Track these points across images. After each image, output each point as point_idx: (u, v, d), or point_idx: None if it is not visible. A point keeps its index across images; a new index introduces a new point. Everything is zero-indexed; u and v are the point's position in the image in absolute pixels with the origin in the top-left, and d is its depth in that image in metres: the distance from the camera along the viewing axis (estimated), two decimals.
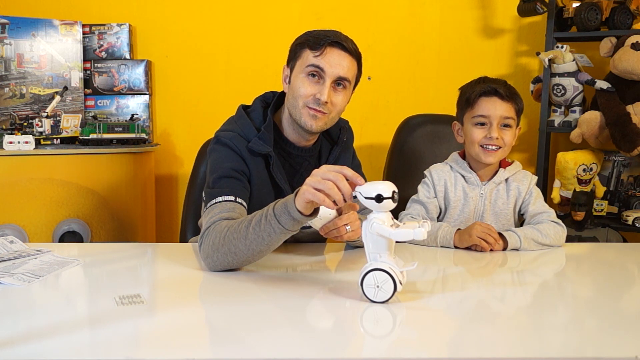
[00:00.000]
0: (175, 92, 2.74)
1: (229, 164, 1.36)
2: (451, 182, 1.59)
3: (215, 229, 1.21)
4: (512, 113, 1.52)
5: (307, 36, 1.39)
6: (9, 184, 2.13)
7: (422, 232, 0.98)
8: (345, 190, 1.01)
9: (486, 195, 1.56)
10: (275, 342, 0.85)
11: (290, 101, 1.40)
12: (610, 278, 1.29)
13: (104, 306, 1.00)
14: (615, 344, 0.87)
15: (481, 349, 0.87)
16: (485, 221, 1.54)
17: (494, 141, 1.51)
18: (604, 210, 2.34)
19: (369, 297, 1.01)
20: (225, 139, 1.39)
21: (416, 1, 2.62)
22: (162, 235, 2.69)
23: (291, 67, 1.41)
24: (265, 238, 1.13)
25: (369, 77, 2.61)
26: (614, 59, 2.18)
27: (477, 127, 1.54)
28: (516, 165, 1.61)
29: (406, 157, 2.15)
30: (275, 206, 1.12)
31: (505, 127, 1.53)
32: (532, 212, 1.56)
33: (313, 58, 1.35)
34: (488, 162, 1.54)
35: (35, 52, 2.49)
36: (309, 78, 1.36)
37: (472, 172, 1.58)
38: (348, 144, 1.57)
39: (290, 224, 1.10)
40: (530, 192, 1.56)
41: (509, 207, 1.56)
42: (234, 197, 1.31)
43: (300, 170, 1.48)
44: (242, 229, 1.16)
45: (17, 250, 1.35)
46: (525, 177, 1.58)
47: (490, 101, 1.52)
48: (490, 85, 1.54)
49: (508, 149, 1.54)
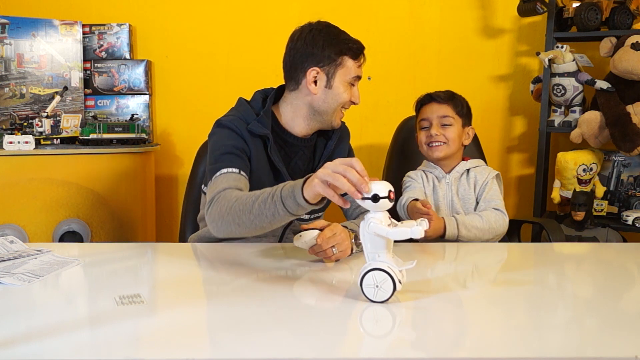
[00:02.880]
0: (175, 92, 2.74)
1: (230, 142, 1.42)
2: (424, 179, 1.78)
3: (225, 197, 1.26)
4: (449, 112, 1.72)
5: (340, 41, 1.46)
6: (9, 184, 2.13)
7: (420, 231, 0.98)
8: (355, 181, 1.00)
9: (451, 183, 1.73)
10: (275, 342, 0.85)
11: (327, 104, 1.48)
12: (610, 278, 1.29)
13: (104, 306, 1.00)
14: (615, 344, 0.87)
15: (481, 348, 0.87)
16: (455, 205, 1.70)
17: (434, 137, 1.71)
18: (604, 210, 2.34)
19: (368, 297, 1.01)
20: (226, 122, 1.46)
21: (416, 1, 2.62)
22: (162, 235, 2.69)
23: (328, 72, 1.46)
24: (269, 217, 1.16)
25: (369, 77, 2.61)
26: (614, 59, 2.17)
27: (422, 131, 1.76)
28: (478, 161, 1.78)
29: (406, 157, 2.15)
30: (283, 188, 1.14)
31: (445, 126, 1.71)
32: (483, 201, 1.69)
33: (357, 68, 1.48)
34: (435, 157, 1.73)
35: (35, 52, 2.49)
36: (349, 85, 1.48)
37: (437, 167, 1.76)
38: (343, 136, 1.61)
39: (295, 208, 1.12)
40: (486, 182, 1.70)
41: (471, 194, 1.72)
42: (237, 169, 1.37)
43: (295, 158, 1.54)
44: (248, 202, 1.20)
45: (17, 250, 1.35)
46: (484, 171, 1.74)
47: (428, 106, 1.75)
48: (428, 93, 1.77)
49: (453, 144, 1.71)
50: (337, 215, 1.56)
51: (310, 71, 1.46)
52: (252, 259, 1.34)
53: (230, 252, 1.42)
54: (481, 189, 1.70)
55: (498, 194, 1.69)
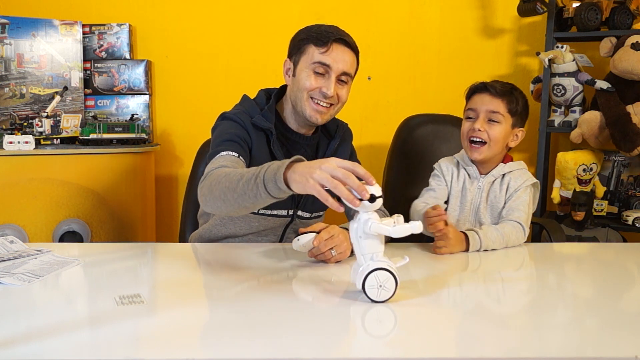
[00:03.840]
0: (175, 92, 2.74)
1: (233, 131, 1.44)
2: (455, 174, 1.62)
3: (216, 172, 1.26)
4: (500, 109, 1.53)
5: (310, 32, 1.45)
6: (9, 184, 2.13)
7: (418, 225, 0.99)
8: (356, 187, 0.97)
9: (483, 188, 1.58)
10: (275, 342, 0.85)
11: (294, 93, 1.47)
12: (610, 278, 1.29)
13: (104, 306, 1.00)
14: (615, 344, 0.87)
15: (481, 348, 0.87)
16: (481, 214, 1.56)
17: (476, 133, 1.53)
18: (604, 210, 2.34)
19: (371, 297, 1.01)
20: (230, 115, 1.48)
21: (416, 1, 2.61)
22: (162, 235, 2.69)
23: (294, 61, 1.47)
24: (252, 197, 1.13)
25: (369, 77, 2.61)
26: (614, 59, 2.18)
27: (466, 121, 1.57)
28: (519, 164, 1.61)
29: (406, 157, 2.15)
30: (267, 170, 1.10)
31: (492, 122, 1.53)
32: (506, 209, 1.54)
33: (319, 55, 1.42)
34: (473, 158, 1.56)
35: (35, 52, 2.49)
36: (314, 73, 1.43)
37: (473, 165, 1.59)
38: (345, 137, 1.61)
39: (275, 191, 1.09)
40: (518, 190, 1.54)
41: (501, 200, 1.56)
42: (237, 154, 1.39)
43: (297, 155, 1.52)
44: (234, 180, 1.17)
45: (17, 250, 1.35)
46: (521, 176, 1.57)
47: (480, 96, 1.56)
48: (483, 82, 1.58)
49: (495, 146, 1.54)
50: (338, 216, 1.56)
51: (284, 63, 1.51)
52: (252, 259, 1.34)
53: (231, 252, 1.42)
54: (511, 195, 1.55)
55: (525, 205, 1.53)
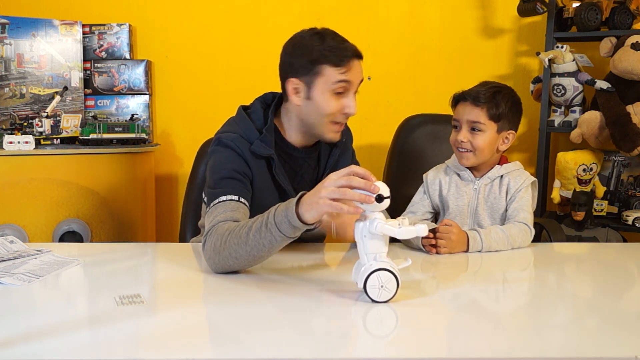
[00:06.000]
0: (175, 92, 2.74)
1: (231, 165, 1.35)
2: (445, 180, 1.63)
3: (217, 231, 1.20)
4: (481, 118, 1.52)
5: (321, 50, 1.33)
6: (9, 184, 2.13)
7: (424, 228, 1.00)
8: (363, 186, 1.00)
9: (480, 190, 1.57)
10: (275, 342, 0.85)
11: (311, 116, 1.38)
12: (610, 278, 1.29)
13: (104, 306, 1.00)
14: (615, 344, 0.87)
15: (482, 348, 0.87)
16: (479, 215, 1.56)
17: (459, 144, 1.54)
18: (604, 210, 2.33)
19: (372, 297, 1.01)
20: (227, 141, 1.37)
21: (416, 1, 2.61)
22: (162, 235, 2.69)
23: (307, 82, 1.36)
24: (266, 245, 1.12)
25: (369, 77, 2.61)
26: (614, 59, 2.17)
27: (453, 130, 1.58)
28: (515, 165, 1.61)
29: (406, 157, 2.15)
30: (275, 213, 1.10)
31: (475, 131, 1.53)
32: (510, 210, 1.55)
33: (340, 75, 1.33)
34: (462, 164, 1.58)
35: (35, 52, 2.49)
36: (335, 94, 1.35)
37: (466, 170, 1.59)
38: (347, 144, 1.57)
39: (290, 231, 1.09)
40: (519, 190, 1.54)
41: (501, 202, 1.56)
42: (237, 196, 1.30)
43: (300, 172, 1.48)
44: (242, 234, 1.14)
45: (17, 250, 1.35)
46: (520, 176, 1.57)
47: (462, 105, 1.56)
48: (464, 91, 1.57)
49: (481, 154, 1.54)
50: None
51: (289, 82, 1.38)
52: None
53: None
54: (513, 197, 1.55)
55: (528, 205, 1.54)
